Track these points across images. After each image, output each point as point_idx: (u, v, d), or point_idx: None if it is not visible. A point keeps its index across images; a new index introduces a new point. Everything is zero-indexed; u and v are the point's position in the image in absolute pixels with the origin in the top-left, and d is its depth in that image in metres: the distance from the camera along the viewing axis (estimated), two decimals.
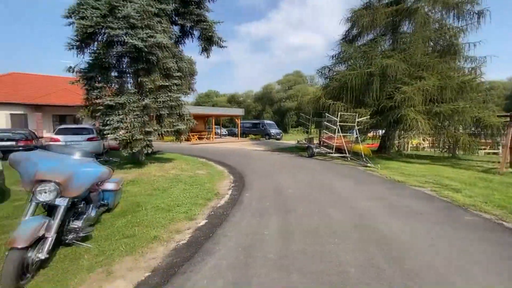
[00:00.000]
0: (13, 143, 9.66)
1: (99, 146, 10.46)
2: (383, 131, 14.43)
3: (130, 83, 7.72)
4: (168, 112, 7.56)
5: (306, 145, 13.41)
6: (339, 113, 11.46)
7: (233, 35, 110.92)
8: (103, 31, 6.71)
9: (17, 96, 16.34)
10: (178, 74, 7.72)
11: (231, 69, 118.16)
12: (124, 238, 3.36)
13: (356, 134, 11.42)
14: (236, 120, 27.16)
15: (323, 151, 12.50)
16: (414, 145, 18.48)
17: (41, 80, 20.04)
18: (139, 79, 7.14)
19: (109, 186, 3.99)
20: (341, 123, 11.51)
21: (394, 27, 13.26)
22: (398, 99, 10.85)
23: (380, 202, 5.19)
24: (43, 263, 2.60)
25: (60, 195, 2.66)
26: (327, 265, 2.77)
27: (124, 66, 7.69)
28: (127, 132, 6.87)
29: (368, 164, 9.75)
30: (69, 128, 10.78)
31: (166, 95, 7.33)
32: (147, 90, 7.14)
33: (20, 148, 9.32)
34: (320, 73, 14.95)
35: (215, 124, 28.04)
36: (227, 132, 34.17)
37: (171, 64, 7.27)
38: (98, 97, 6.86)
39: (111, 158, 3.58)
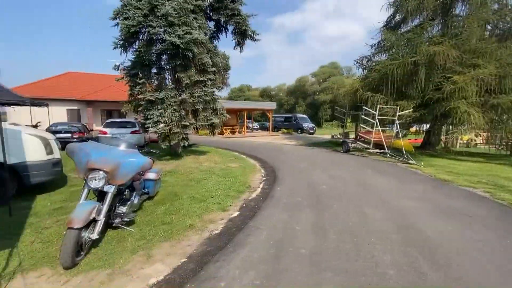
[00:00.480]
0: (69, 135, 10.87)
1: (141, 139, 11.25)
2: (428, 125, 13.23)
3: (168, 79, 8.12)
4: (203, 107, 7.82)
5: (341, 140, 12.88)
6: (378, 106, 10.76)
7: (266, 28, 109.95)
8: (144, 30, 7.14)
9: (73, 93, 18.26)
10: (213, 69, 7.91)
11: (264, 62, 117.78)
12: (162, 224, 3.58)
13: (397, 128, 10.64)
14: (268, 114, 27.06)
15: (359, 146, 11.91)
16: (465, 142, 16.66)
17: (92, 78, 22.10)
18: (176, 75, 7.48)
19: (150, 175, 4.28)
20: (380, 117, 10.80)
21: (445, 10, 11.92)
22: (447, 90, 9.82)
23: (423, 202, 4.79)
24: (94, 243, 2.90)
25: (108, 182, 2.92)
26: (363, 265, 2.65)
27: (163, 63, 8.09)
28: (166, 125, 7.27)
29: (410, 161, 9.05)
30: (115, 122, 11.75)
31: (201, 90, 7.58)
32: (184, 85, 7.46)
33: (75, 140, 10.44)
34: (358, 63, 14.13)
35: (247, 118, 28.29)
36: (258, 126, 34.32)
37: (206, 60, 7.47)
38: (140, 92, 7.36)
39: (151, 150, 3.83)
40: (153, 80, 7.65)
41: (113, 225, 3.22)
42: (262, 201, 4.74)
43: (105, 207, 2.86)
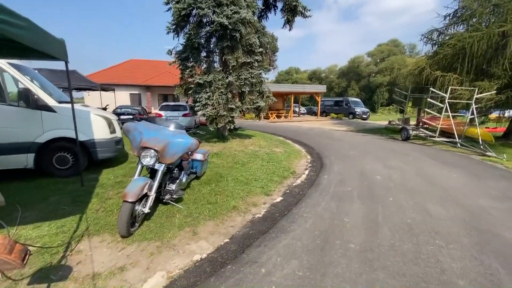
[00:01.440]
0: (131, 117, 12.05)
1: (192, 121, 11.85)
2: None
3: (217, 61, 8.19)
4: (249, 89, 7.73)
5: (401, 126, 11.55)
6: (449, 88, 9.22)
7: (318, 5, 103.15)
8: (194, 12, 7.21)
9: (134, 79, 20.08)
10: (260, 50, 7.67)
11: (314, 43, 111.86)
12: (208, 204, 3.67)
13: (472, 114, 9.01)
14: (317, 97, 25.78)
15: (422, 134, 10.53)
16: None
17: (151, 64, 23.91)
18: (224, 57, 7.49)
19: (197, 156, 4.42)
20: (452, 100, 9.27)
21: None
22: None
23: (505, 202, 3.97)
24: (147, 216, 3.11)
25: (158, 161, 3.05)
26: (425, 270, 2.29)
27: (212, 46, 8.16)
28: (213, 108, 7.43)
29: (488, 153, 7.64)
30: (169, 105, 12.59)
31: (248, 72, 7.46)
32: (231, 67, 7.44)
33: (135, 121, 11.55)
34: (425, 38, 12.16)
35: (294, 102, 27.50)
36: (306, 111, 33.20)
37: (254, 40, 7.25)
38: (190, 76, 7.61)
39: (198, 131, 3.90)
40: (202, 63, 7.81)
41: (163, 200, 3.41)
42: (307, 188, 4.52)
43: (155, 184, 3.01)
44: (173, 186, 3.47)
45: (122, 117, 10.88)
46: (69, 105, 4.20)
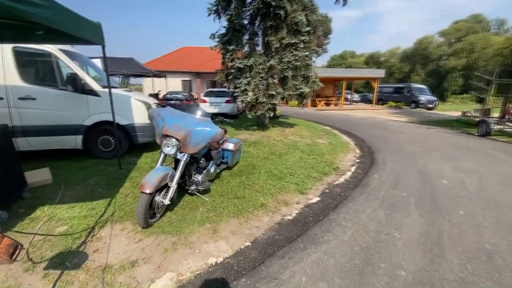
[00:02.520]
0: (179, 102, 12.52)
1: (234, 108, 11.74)
2: None
3: (259, 44, 7.70)
4: (292, 74, 7.08)
5: (479, 119, 9.51)
6: None
7: None
8: None
9: (186, 66, 20.91)
10: (307, 29, 6.88)
11: (373, 24, 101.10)
12: (234, 198, 3.39)
13: None
14: (373, 83, 23.19)
15: (508, 129, 8.48)
16: None
17: (201, 51, 24.52)
18: (266, 39, 6.96)
19: (228, 146, 4.17)
20: None
21: None
22: None
23: None
24: (171, 206, 2.98)
25: (180, 150, 2.84)
26: None
27: (256, 27, 7.68)
28: (253, 94, 7.05)
29: None
30: (213, 91, 12.69)
31: (292, 54, 6.79)
32: (273, 50, 6.87)
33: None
34: None
35: (347, 89, 25.30)
36: (359, 98, 30.47)
37: (300, 17, 6.51)
38: (231, 60, 7.31)
39: (225, 120, 3.59)
40: (243, 47, 7.42)
41: (189, 191, 3.24)
42: (351, 189, 3.88)
43: (177, 174, 2.82)
44: (199, 177, 3.26)
45: (170, 102, 11.36)
46: (113, 90, 4.30)
